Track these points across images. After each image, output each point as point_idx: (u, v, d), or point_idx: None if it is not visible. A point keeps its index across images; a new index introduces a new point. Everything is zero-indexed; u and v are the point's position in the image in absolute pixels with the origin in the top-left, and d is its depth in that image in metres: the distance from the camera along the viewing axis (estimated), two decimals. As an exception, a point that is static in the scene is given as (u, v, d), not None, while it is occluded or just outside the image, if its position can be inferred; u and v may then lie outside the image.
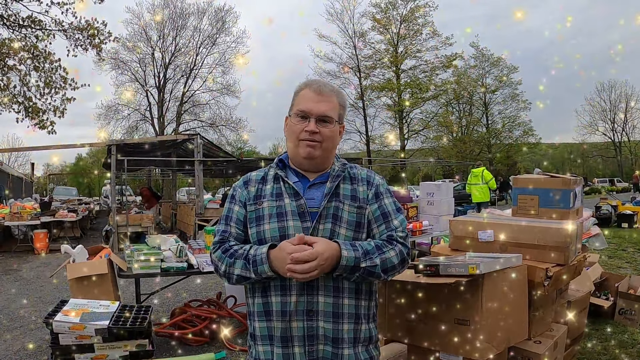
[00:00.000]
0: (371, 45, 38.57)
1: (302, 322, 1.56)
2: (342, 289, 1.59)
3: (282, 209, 1.62)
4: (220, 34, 36.30)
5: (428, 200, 6.68)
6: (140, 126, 36.55)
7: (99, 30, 14.51)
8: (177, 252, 4.32)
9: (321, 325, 1.56)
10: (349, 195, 1.67)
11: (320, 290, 1.57)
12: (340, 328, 1.58)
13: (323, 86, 1.69)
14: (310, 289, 1.56)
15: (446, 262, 2.19)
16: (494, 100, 41.99)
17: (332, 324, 1.57)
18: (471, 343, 2.19)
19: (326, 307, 1.57)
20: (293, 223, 1.60)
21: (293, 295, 1.56)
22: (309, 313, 1.56)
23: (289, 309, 1.56)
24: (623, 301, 4.71)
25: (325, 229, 1.60)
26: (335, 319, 1.58)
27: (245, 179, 1.75)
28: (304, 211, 1.61)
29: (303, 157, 1.65)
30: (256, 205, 1.66)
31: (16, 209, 11.41)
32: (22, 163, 43.07)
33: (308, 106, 1.65)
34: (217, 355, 3.89)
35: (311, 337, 1.56)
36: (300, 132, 1.64)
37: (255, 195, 1.69)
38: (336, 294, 1.58)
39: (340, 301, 1.59)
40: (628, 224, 13.17)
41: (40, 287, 7.35)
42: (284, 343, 1.57)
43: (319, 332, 1.56)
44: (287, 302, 1.57)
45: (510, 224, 2.78)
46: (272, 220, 1.61)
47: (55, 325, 3.32)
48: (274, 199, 1.65)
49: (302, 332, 1.56)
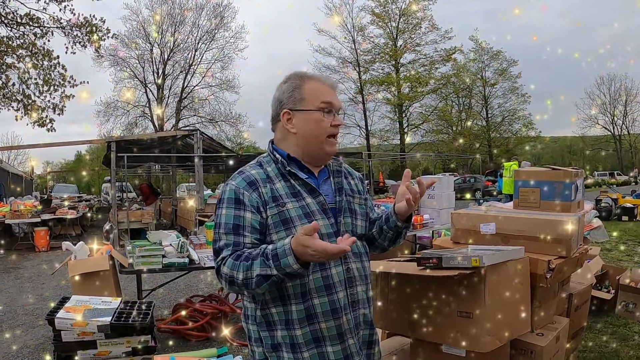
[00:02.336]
0: (370, 40, 38.54)
1: (350, 314, 1.59)
2: (367, 277, 1.71)
3: (306, 208, 1.56)
4: (219, 29, 36.25)
5: (429, 193, 6.67)
6: (140, 122, 36.58)
7: (98, 27, 14.47)
8: (179, 248, 4.32)
9: (361, 312, 1.65)
10: (349, 189, 1.71)
11: (357, 281, 1.64)
12: (370, 311, 1.71)
13: (331, 79, 1.71)
14: (350, 282, 1.61)
15: (449, 254, 2.19)
16: (493, 93, 41.98)
17: (368, 309, 1.69)
18: (474, 335, 2.19)
19: (362, 295, 1.66)
20: (322, 222, 1.55)
21: (340, 291, 1.57)
22: (353, 305, 1.61)
23: (338, 305, 1.56)
24: (624, 294, 4.71)
25: (346, 223, 1.64)
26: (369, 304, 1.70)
27: (247, 180, 1.57)
28: (325, 208, 1.59)
29: (328, 153, 1.64)
30: (278, 207, 1.54)
31: (16, 207, 11.41)
32: (21, 161, 43.08)
33: (333, 99, 1.63)
34: (219, 350, 3.88)
35: (357, 325, 1.63)
36: (328, 127, 1.61)
37: (271, 197, 1.55)
38: (366, 281, 1.70)
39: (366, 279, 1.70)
40: (628, 217, 13.19)
41: (41, 285, 7.36)
42: (341, 339, 1.57)
43: (360, 320, 1.64)
44: (334, 300, 1.55)
45: (512, 216, 2.77)
46: (303, 222, 1.52)
47: (57, 322, 3.32)
48: (294, 199, 1.56)
49: (352, 324, 1.60)
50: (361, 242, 1.70)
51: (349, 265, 1.61)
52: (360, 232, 1.69)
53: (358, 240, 1.64)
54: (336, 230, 1.59)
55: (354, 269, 1.62)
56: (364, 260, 1.69)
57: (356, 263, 1.64)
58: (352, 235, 1.46)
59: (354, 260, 1.63)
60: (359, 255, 1.67)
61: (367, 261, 1.72)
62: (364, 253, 1.71)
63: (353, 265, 1.62)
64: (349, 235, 1.43)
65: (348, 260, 1.61)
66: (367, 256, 1.74)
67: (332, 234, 1.57)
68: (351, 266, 1.61)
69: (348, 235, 1.42)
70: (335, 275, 1.56)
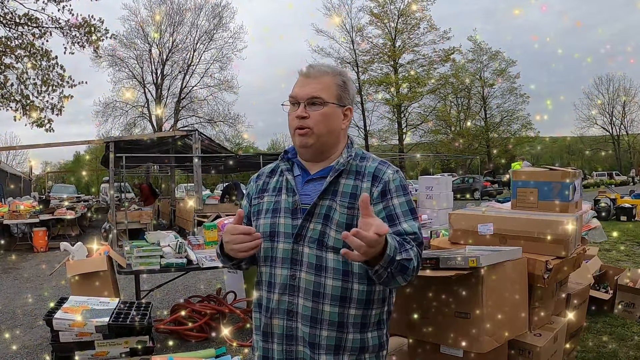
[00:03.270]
0: (369, 40, 38.55)
1: (283, 320, 1.51)
2: (322, 295, 1.48)
3: (278, 204, 1.56)
4: (217, 29, 36.25)
5: (427, 194, 6.69)
6: (139, 123, 36.57)
7: (96, 28, 14.46)
8: (177, 248, 4.32)
9: (299, 327, 1.50)
10: (348, 192, 1.49)
11: (301, 293, 1.49)
12: (319, 334, 1.48)
13: (312, 67, 1.55)
14: (292, 290, 1.49)
15: (446, 255, 2.19)
16: (492, 94, 42.03)
17: (309, 328, 1.49)
18: (472, 336, 2.19)
19: (304, 310, 1.49)
20: (284, 220, 1.52)
21: (276, 293, 1.52)
22: (289, 313, 1.50)
23: (269, 305, 1.54)
24: (622, 294, 4.72)
25: (315, 230, 1.48)
26: (312, 324, 1.49)
27: (259, 172, 1.72)
28: (296, 208, 1.52)
29: (298, 146, 1.55)
30: (259, 199, 1.63)
31: (15, 208, 11.39)
32: (20, 162, 43.01)
33: (295, 91, 1.53)
34: (217, 351, 3.87)
35: (289, 336, 1.51)
36: (292, 120, 1.53)
37: (260, 189, 1.65)
38: (316, 298, 1.48)
39: (321, 307, 1.47)
40: (627, 217, 13.20)
41: (39, 285, 7.35)
42: (265, 337, 1.56)
43: (297, 334, 1.50)
44: (269, 298, 1.54)
45: (510, 216, 2.77)
46: (267, 216, 1.57)
47: (55, 323, 3.32)
48: (275, 193, 1.60)
49: (282, 331, 1.52)
50: (334, 255, 1.45)
51: (295, 273, 1.48)
52: (333, 244, 1.45)
53: (332, 252, 1.46)
54: (297, 233, 1.49)
55: (302, 279, 1.47)
56: (325, 276, 1.46)
57: (308, 274, 1.47)
58: (321, 245, 1.46)
59: (306, 271, 1.47)
60: (318, 267, 1.46)
61: (334, 279, 1.45)
62: (335, 269, 1.46)
63: (302, 275, 1.47)
64: (307, 244, 1.48)
65: (296, 267, 1.48)
66: (344, 275, 1.46)
67: (290, 234, 1.50)
68: (298, 274, 1.48)
69: (241, 211, 1.49)
70: (279, 276, 1.51)
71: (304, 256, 1.48)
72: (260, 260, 1.58)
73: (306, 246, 1.49)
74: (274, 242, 1.53)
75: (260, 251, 1.55)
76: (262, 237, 1.47)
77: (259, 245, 1.44)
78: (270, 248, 1.54)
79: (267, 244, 1.54)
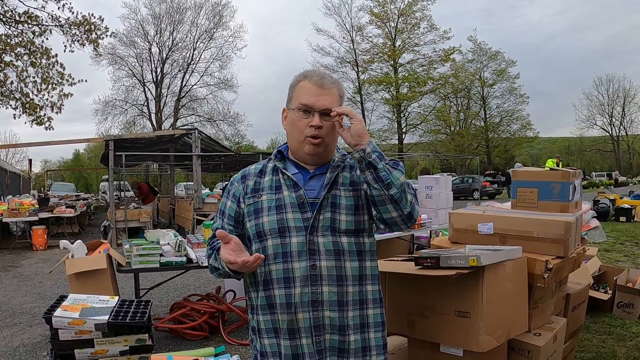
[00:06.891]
0: (369, 39, 38.55)
1: (308, 312, 1.55)
2: (345, 277, 1.58)
3: (281, 201, 1.60)
4: (217, 28, 36.21)
5: (427, 193, 6.68)
6: (138, 121, 36.53)
7: (96, 26, 14.46)
8: (176, 247, 4.32)
9: (327, 315, 1.55)
10: (347, 182, 1.63)
11: (324, 280, 1.55)
12: (345, 315, 1.57)
13: (323, 78, 1.63)
14: (314, 279, 1.55)
15: (447, 254, 2.19)
16: (491, 94, 42.05)
17: (337, 312, 1.56)
18: (472, 335, 2.19)
19: (331, 296, 1.56)
20: (293, 215, 1.57)
21: (297, 287, 1.55)
22: (314, 304, 1.54)
23: (293, 300, 1.55)
24: (621, 294, 4.72)
25: (325, 219, 1.57)
26: (340, 307, 1.57)
27: (243, 173, 1.73)
28: (303, 202, 1.58)
29: (307, 153, 1.62)
30: (254, 198, 1.64)
31: (14, 205, 11.38)
32: (19, 159, 42.96)
33: (311, 100, 1.59)
34: (216, 349, 3.88)
35: (317, 327, 1.55)
36: (305, 128, 1.59)
37: (253, 189, 1.66)
38: (340, 282, 1.57)
39: (344, 289, 1.57)
40: (626, 218, 13.21)
41: (39, 283, 7.34)
42: (291, 335, 1.56)
43: (325, 322, 1.55)
44: (291, 294, 1.55)
45: (510, 216, 2.77)
46: (271, 213, 1.59)
47: (54, 321, 3.32)
48: (273, 191, 1.62)
49: (309, 324, 1.55)
50: (348, 238, 1.59)
51: (315, 263, 1.55)
52: (345, 227, 1.59)
53: (345, 236, 1.58)
54: (309, 225, 1.56)
55: (323, 267, 1.55)
56: (344, 259, 1.58)
57: (328, 261, 1.56)
58: (334, 231, 1.57)
59: (326, 258, 1.56)
60: (336, 253, 1.57)
61: (352, 261, 1.59)
62: (351, 252, 1.59)
63: (323, 263, 1.55)
64: (321, 233, 1.56)
65: (315, 257, 1.55)
66: (358, 255, 1.61)
67: (302, 227, 1.56)
68: (318, 264, 1.55)
69: (258, 255, 1.49)
70: (297, 269, 1.55)
71: (321, 245, 1.56)
72: (269, 259, 1.58)
73: (320, 235, 1.57)
74: (285, 237, 1.57)
75: (269, 249, 1.58)
76: (269, 234, 1.58)
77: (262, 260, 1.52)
78: (281, 244, 1.57)
79: (277, 240, 1.57)
